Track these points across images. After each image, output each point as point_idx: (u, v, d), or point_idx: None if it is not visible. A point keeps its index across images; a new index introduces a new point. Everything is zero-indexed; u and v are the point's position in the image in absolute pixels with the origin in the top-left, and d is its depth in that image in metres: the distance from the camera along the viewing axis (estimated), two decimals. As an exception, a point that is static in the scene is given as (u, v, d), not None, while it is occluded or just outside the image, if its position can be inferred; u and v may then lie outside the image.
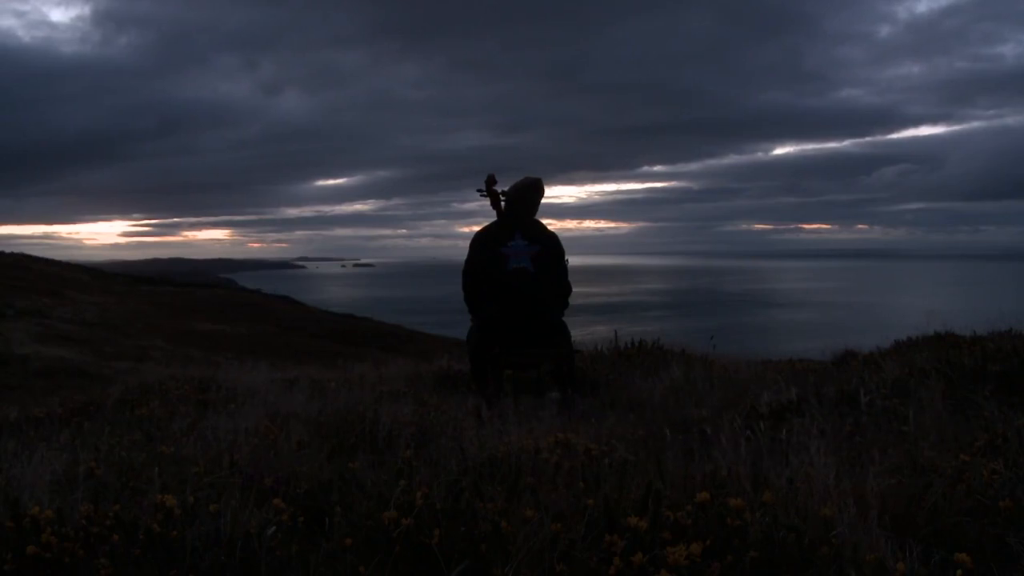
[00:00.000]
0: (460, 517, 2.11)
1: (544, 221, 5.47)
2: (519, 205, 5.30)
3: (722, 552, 1.87)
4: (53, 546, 1.98)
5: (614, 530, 1.93)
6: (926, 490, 2.29)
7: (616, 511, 2.02)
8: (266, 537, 2.08)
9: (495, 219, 5.40)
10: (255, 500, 2.37)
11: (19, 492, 2.36)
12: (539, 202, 5.42)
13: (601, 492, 2.17)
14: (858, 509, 2.04)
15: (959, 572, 1.77)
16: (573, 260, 5.48)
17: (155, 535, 2.04)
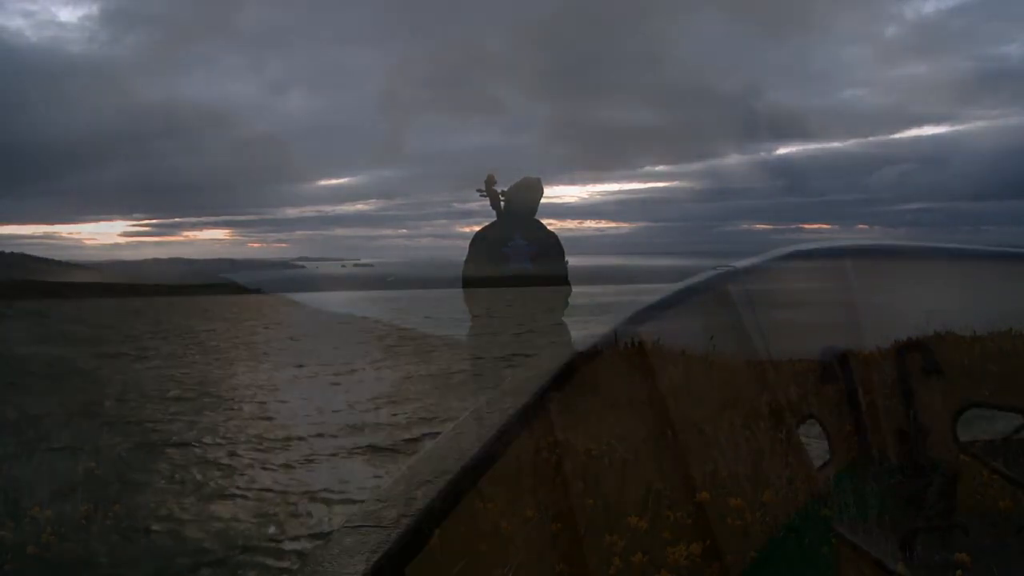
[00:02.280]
0: (460, 517, 2.10)
1: (544, 221, 5.48)
2: (519, 205, 5.29)
3: (722, 552, 1.87)
4: (53, 546, 1.98)
5: (614, 530, 1.93)
6: (926, 490, 2.29)
7: (616, 511, 2.01)
8: (266, 535, 2.07)
9: (495, 219, 5.39)
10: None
11: (19, 492, 2.36)
12: (538, 202, 5.42)
13: (601, 492, 2.17)
14: (858, 509, 2.04)
15: (959, 572, 1.77)
16: (573, 260, 5.49)
17: (155, 535, 2.03)
